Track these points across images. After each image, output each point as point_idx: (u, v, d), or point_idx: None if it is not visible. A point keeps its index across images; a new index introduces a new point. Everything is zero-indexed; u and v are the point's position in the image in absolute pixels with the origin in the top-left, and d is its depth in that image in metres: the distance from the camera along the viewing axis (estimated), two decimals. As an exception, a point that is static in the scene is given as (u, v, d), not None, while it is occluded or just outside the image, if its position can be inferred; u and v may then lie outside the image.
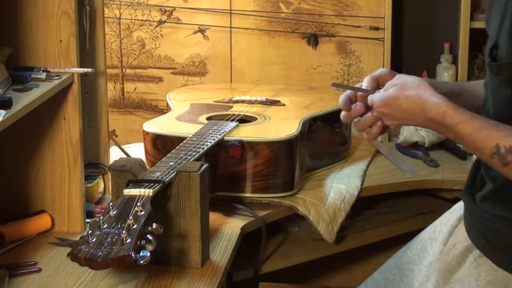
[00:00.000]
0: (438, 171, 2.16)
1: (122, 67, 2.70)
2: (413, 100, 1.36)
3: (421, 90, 1.36)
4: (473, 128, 1.27)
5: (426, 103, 1.34)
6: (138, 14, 2.65)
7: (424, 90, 1.36)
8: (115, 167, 1.54)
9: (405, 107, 1.37)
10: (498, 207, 1.35)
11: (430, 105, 1.33)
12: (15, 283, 1.49)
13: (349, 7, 2.57)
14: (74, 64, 1.66)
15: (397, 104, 1.38)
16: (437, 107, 1.32)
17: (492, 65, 1.30)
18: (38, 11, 1.63)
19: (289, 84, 2.62)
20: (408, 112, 1.37)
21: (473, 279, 1.38)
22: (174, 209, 1.52)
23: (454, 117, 1.30)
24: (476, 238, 1.41)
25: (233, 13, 2.61)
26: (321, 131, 2.09)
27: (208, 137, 1.79)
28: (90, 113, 1.91)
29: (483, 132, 1.26)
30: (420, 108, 1.35)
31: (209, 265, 1.56)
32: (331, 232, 1.90)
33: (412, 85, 1.38)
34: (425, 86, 1.37)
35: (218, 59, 2.66)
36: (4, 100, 1.42)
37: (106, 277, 1.50)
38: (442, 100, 1.33)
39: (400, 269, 1.64)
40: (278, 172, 1.87)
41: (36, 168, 1.71)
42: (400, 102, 1.37)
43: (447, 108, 1.31)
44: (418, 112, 1.35)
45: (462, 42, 2.36)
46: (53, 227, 1.72)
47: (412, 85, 1.38)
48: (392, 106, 1.39)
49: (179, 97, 2.29)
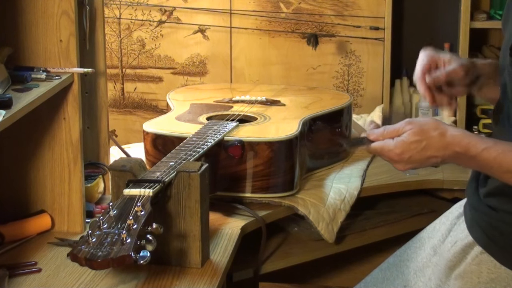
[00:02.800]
0: (438, 171, 2.16)
1: (122, 67, 2.70)
2: (437, 139, 1.34)
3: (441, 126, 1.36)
4: (498, 153, 1.29)
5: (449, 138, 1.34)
6: (138, 14, 2.65)
7: (443, 125, 1.36)
8: (115, 167, 1.54)
9: (429, 148, 1.35)
10: (503, 201, 1.36)
11: (452, 139, 1.33)
12: (15, 283, 1.49)
13: (349, 7, 2.57)
14: (74, 64, 1.66)
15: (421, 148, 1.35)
16: (459, 140, 1.33)
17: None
18: (38, 11, 1.63)
19: (289, 84, 2.62)
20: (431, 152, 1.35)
21: (474, 276, 1.39)
22: (174, 209, 1.52)
23: (478, 145, 1.31)
24: (478, 235, 1.41)
25: (233, 13, 2.61)
26: (321, 131, 2.09)
27: (208, 137, 1.79)
28: (90, 113, 1.91)
29: (508, 155, 1.29)
30: (444, 145, 1.34)
31: (209, 265, 1.56)
32: (331, 232, 1.90)
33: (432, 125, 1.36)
34: (438, 121, 1.37)
35: (218, 59, 2.66)
36: (4, 100, 1.42)
37: (106, 277, 1.50)
38: (460, 132, 1.34)
39: (398, 267, 1.65)
40: (278, 172, 1.87)
41: (36, 168, 1.71)
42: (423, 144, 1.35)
43: (469, 139, 1.32)
44: (442, 149, 1.34)
45: (462, 42, 2.36)
46: (53, 227, 1.72)
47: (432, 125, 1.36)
48: (414, 150, 1.36)
49: (179, 97, 2.29)
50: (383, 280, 1.67)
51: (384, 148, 1.39)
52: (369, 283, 1.72)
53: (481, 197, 1.42)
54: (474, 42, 2.41)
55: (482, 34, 2.53)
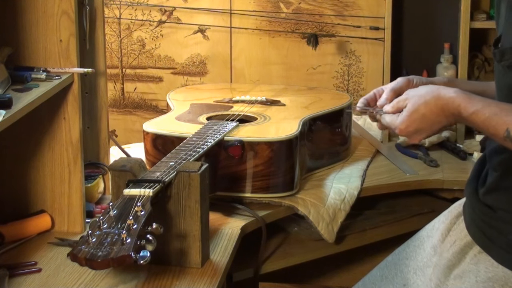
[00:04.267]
0: (438, 171, 2.16)
1: (122, 67, 2.70)
2: (433, 103, 1.39)
3: (434, 90, 1.40)
4: (485, 117, 1.32)
5: (443, 100, 1.38)
6: (138, 14, 2.65)
7: (436, 89, 1.40)
8: (115, 167, 1.54)
9: (428, 114, 1.40)
10: (501, 200, 1.36)
11: (447, 101, 1.37)
12: (15, 283, 1.49)
13: (349, 7, 2.57)
14: (74, 64, 1.66)
15: (421, 116, 1.41)
16: (453, 101, 1.37)
17: (496, 52, 1.35)
18: (38, 11, 1.63)
19: (289, 84, 2.62)
20: (432, 118, 1.40)
21: (472, 275, 1.39)
22: (174, 209, 1.52)
23: (467, 108, 1.35)
24: (476, 234, 1.42)
25: (233, 13, 2.61)
26: (321, 131, 2.09)
27: (208, 137, 1.79)
28: (90, 113, 1.91)
29: (494, 119, 1.31)
30: (440, 108, 1.38)
31: (209, 265, 1.56)
32: (331, 232, 1.90)
33: (425, 91, 1.42)
34: (435, 86, 1.42)
35: (218, 59, 2.66)
36: (4, 100, 1.42)
37: (106, 277, 1.50)
38: (455, 93, 1.38)
39: (397, 265, 1.65)
40: (278, 172, 1.87)
41: (36, 168, 1.71)
42: (422, 112, 1.41)
43: (460, 100, 1.36)
44: (441, 112, 1.39)
45: (462, 42, 2.36)
46: (53, 227, 1.72)
47: (425, 91, 1.42)
48: (416, 121, 1.42)
49: (179, 97, 2.29)
50: (382, 278, 1.68)
51: (391, 126, 1.47)
52: (368, 282, 1.72)
53: (480, 196, 1.42)
54: (474, 42, 2.41)
55: (482, 34, 2.53)
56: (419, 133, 1.43)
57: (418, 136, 1.44)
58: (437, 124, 1.41)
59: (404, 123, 1.43)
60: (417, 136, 1.44)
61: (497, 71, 1.39)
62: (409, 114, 1.42)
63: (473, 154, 2.24)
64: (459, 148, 2.28)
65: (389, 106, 1.48)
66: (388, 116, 1.48)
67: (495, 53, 1.36)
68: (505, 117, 1.30)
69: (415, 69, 2.45)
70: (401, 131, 1.44)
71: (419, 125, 1.42)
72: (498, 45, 1.36)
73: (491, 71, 2.53)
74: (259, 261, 1.88)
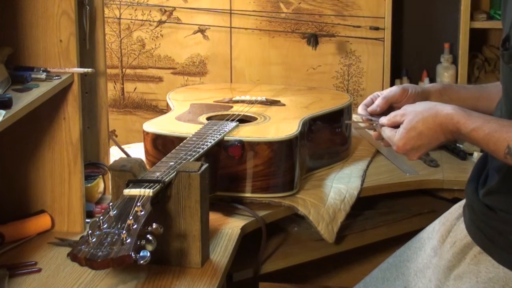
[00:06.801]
0: (438, 171, 2.16)
1: (122, 67, 2.70)
2: (431, 121, 1.38)
3: (432, 107, 1.39)
4: (485, 133, 1.31)
5: (441, 117, 1.37)
6: (138, 14, 2.65)
7: (434, 105, 1.39)
8: (115, 167, 1.54)
9: (426, 131, 1.39)
10: (501, 201, 1.36)
11: (445, 118, 1.36)
12: (15, 283, 1.49)
13: (349, 7, 2.57)
14: (74, 64, 1.66)
15: (418, 133, 1.40)
16: (451, 118, 1.35)
17: (505, 54, 1.34)
18: (38, 11, 1.63)
19: (289, 84, 2.62)
20: (430, 135, 1.39)
21: (473, 275, 1.39)
22: (174, 209, 1.52)
23: (467, 125, 1.33)
24: (476, 235, 1.42)
25: (233, 13, 2.61)
26: (321, 131, 2.09)
27: (208, 137, 1.79)
28: (90, 113, 1.91)
29: (495, 136, 1.30)
30: (438, 125, 1.37)
31: (209, 265, 1.56)
32: (331, 232, 1.90)
33: (422, 108, 1.41)
34: (432, 103, 1.41)
35: (218, 59, 2.66)
36: (4, 100, 1.42)
37: (106, 277, 1.50)
38: (453, 110, 1.36)
39: (398, 267, 1.65)
40: (278, 172, 1.87)
41: (36, 168, 1.71)
42: (419, 129, 1.39)
43: (459, 117, 1.35)
44: (439, 129, 1.38)
45: (462, 42, 2.36)
46: (53, 227, 1.72)
47: (422, 108, 1.41)
48: (414, 138, 1.40)
49: (179, 97, 2.29)
50: (383, 280, 1.68)
51: (390, 142, 1.45)
52: (369, 283, 1.72)
53: (480, 197, 1.42)
54: (474, 42, 2.41)
55: (482, 34, 2.54)
56: (417, 150, 1.41)
57: (416, 153, 1.42)
58: (435, 141, 1.40)
59: (401, 140, 1.41)
60: (415, 153, 1.42)
61: (506, 73, 1.36)
62: (406, 132, 1.40)
63: (473, 154, 2.24)
64: (459, 148, 2.28)
65: (385, 118, 1.47)
66: (388, 130, 1.46)
67: (503, 54, 1.35)
68: (506, 133, 1.29)
69: (415, 69, 2.46)
70: (398, 148, 1.42)
71: (416, 142, 1.40)
72: (506, 45, 1.34)
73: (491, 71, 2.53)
74: (259, 261, 1.88)
